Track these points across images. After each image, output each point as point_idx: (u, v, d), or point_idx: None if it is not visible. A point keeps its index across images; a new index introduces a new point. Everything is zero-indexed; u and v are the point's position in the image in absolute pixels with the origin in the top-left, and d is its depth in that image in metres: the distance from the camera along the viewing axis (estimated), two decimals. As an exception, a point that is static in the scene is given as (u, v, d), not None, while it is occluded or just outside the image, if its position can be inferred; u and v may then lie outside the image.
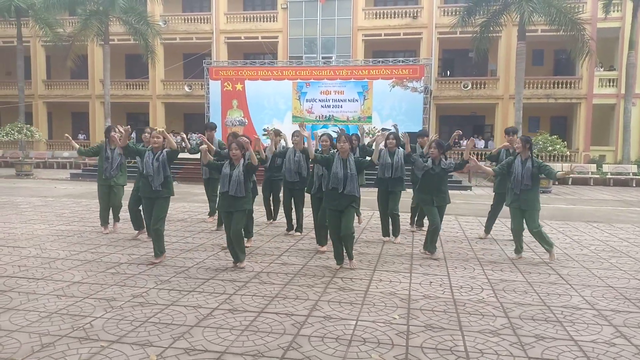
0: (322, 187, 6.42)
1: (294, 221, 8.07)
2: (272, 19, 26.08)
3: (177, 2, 27.73)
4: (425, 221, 7.77)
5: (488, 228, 8.02)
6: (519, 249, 6.65)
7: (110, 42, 23.70)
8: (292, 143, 7.93)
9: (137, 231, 7.56)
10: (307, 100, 23.03)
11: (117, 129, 7.74)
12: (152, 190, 6.02)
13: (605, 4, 20.85)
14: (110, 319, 4.13)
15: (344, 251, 5.97)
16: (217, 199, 6.16)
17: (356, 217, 7.65)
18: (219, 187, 5.91)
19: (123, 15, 22.78)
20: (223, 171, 5.86)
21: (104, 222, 7.95)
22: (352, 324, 4.13)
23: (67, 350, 3.53)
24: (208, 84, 23.78)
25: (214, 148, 6.92)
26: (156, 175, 6.01)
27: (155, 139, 6.14)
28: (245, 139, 6.37)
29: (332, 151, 6.67)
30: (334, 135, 7.27)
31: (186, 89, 26.85)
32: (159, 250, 6.13)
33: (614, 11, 21.90)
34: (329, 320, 4.21)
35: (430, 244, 6.58)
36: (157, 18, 25.56)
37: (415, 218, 8.60)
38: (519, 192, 6.37)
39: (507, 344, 3.77)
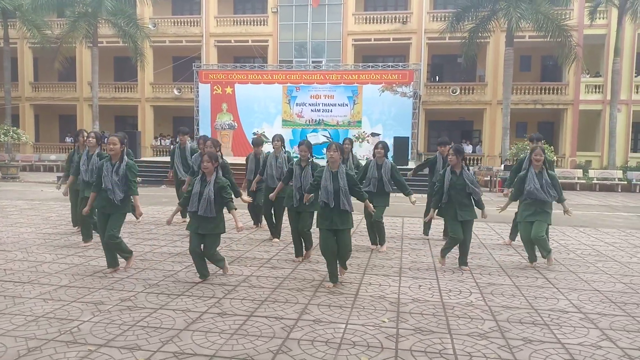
0: (302, 200, 5.96)
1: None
2: (262, 23, 26.10)
3: (166, 4, 27.65)
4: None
5: (513, 235, 7.88)
6: (533, 257, 6.47)
7: (98, 45, 23.57)
8: (273, 148, 7.77)
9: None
10: (297, 104, 23.05)
11: (86, 134, 7.67)
12: (108, 205, 5.56)
13: (591, 10, 21.17)
14: (98, 323, 4.09)
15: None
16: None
17: None
18: (189, 205, 5.35)
19: (112, 17, 22.67)
20: (194, 188, 5.33)
21: (75, 223, 8.11)
22: (341, 327, 4.14)
23: (55, 354, 3.49)
24: (197, 88, 23.70)
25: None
26: (115, 189, 5.50)
27: (112, 146, 5.58)
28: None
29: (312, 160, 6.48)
30: (323, 139, 7.22)
31: (175, 92, 26.74)
32: (112, 259, 5.73)
33: (599, 18, 22.23)
34: (318, 323, 4.21)
35: (444, 250, 6.26)
36: (146, 21, 25.46)
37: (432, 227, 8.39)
38: (539, 203, 6.23)
39: (495, 347, 3.80)
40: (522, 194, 6.46)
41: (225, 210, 5.43)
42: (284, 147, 7.88)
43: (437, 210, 6.39)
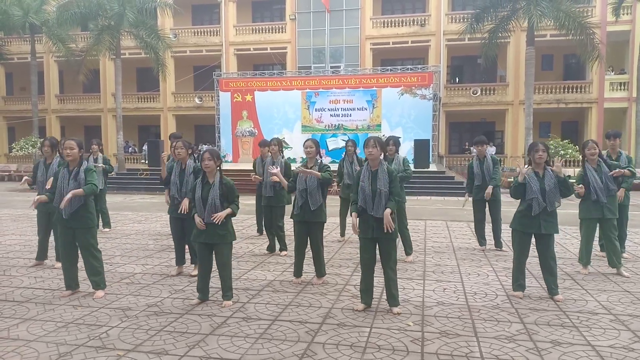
0: (309, 205, 5.40)
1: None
2: (280, 30, 26.33)
3: (186, 15, 28.09)
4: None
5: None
6: (589, 261, 6.18)
7: (121, 56, 24.06)
8: (269, 153, 7.30)
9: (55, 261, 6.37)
10: (316, 110, 23.15)
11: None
12: (63, 218, 4.89)
13: (615, 7, 20.76)
14: (126, 328, 4.16)
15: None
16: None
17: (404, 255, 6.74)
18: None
19: (134, 29, 23.13)
20: (195, 193, 4.78)
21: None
22: (366, 331, 4.13)
23: (84, 359, 3.57)
24: (218, 96, 24.02)
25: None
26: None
27: (69, 150, 4.86)
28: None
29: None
30: (343, 144, 7.02)
31: (197, 100, 27.12)
32: (98, 283, 5.13)
33: (623, 14, 21.79)
34: (342, 327, 4.21)
35: (514, 282, 5.24)
36: (167, 31, 25.93)
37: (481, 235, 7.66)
38: (606, 200, 5.96)
39: (523, 350, 3.74)
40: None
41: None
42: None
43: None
